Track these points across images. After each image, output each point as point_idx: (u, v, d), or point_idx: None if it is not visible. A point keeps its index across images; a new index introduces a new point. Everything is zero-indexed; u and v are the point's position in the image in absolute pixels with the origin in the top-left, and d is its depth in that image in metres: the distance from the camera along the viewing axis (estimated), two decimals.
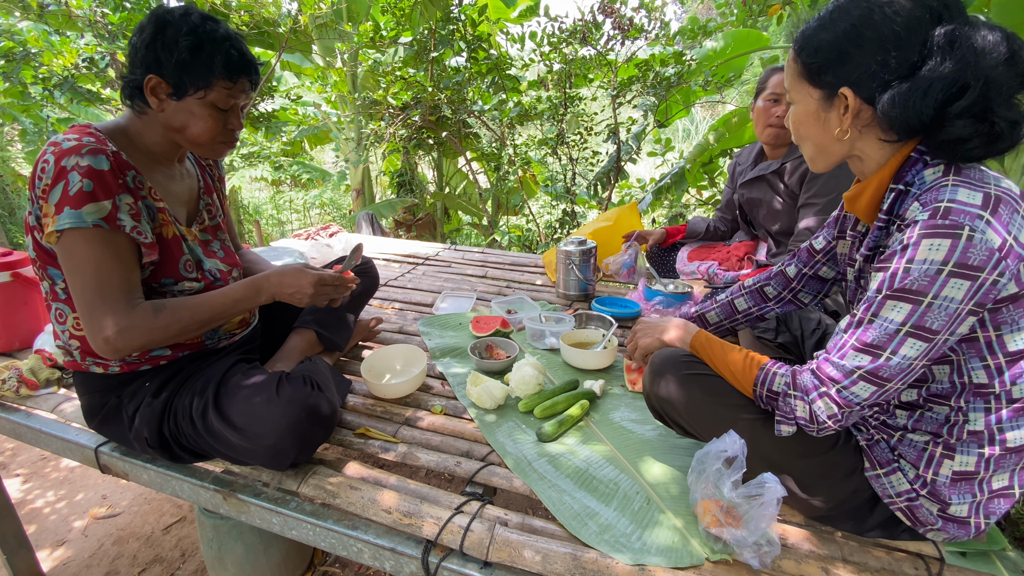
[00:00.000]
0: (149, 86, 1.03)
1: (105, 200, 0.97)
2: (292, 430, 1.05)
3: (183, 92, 1.04)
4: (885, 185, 0.88)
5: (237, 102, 1.11)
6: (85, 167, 0.95)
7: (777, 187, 1.89)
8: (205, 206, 1.28)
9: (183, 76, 1.03)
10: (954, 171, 0.79)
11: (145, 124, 1.10)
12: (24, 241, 4.78)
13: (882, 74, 0.79)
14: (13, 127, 4.68)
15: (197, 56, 1.02)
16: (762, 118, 1.81)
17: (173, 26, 1.02)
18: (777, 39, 7.44)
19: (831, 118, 0.87)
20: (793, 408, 0.89)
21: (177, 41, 1.01)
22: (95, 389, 1.17)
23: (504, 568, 0.94)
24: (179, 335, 1.06)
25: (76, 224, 0.95)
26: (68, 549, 1.81)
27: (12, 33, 3.59)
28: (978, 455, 0.84)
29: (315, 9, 3.87)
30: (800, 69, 0.89)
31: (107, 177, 0.98)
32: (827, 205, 1.70)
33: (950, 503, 0.87)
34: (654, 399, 1.11)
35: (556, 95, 3.87)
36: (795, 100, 0.92)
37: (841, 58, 0.82)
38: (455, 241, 5.48)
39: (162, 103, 1.05)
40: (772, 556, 0.88)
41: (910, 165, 0.84)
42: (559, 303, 2.14)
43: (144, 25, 1.03)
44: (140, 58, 1.03)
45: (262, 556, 1.47)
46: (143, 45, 1.02)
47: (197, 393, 1.13)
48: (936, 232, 0.74)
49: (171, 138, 1.12)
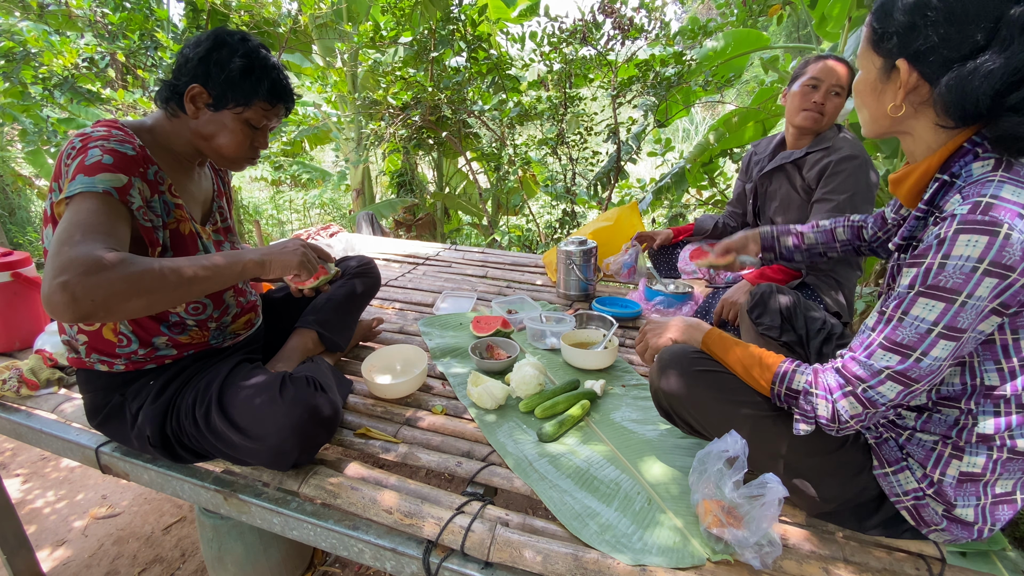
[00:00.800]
0: (191, 94, 1.08)
1: (122, 174, 0.97)
2: (295, 431, 1.05)
3: (223, 105, 1.10)
4: (932, 172, 0.85)
5: (268, 123, 1.17)
6: (110, 148, 0.98)
7: (794, 180, 1.84)
8: (218, 208, 1.31)
9: (227, 91, 1.08)
10: (1004, 167, 0.75)
11: (174, 127, 1.13)
12: (26, 239, 4.79)
13: (943, 50, 0.74)
14: (13, 127, 4.68)
15: (246, 78, 1.09)
16: (798, 102, 1.75)
17: (229, 46, 1.08)
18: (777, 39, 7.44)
19: (887, 91, 0.84)
20: (814, 407, 0.87)
21: (231, 60, 1.07)
22: (99, 387, 1.17)
23: (505, 568, 0.94)
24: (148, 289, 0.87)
25: (86, 188, 0.91)
26: (68, 549, 1.81)
27: (12, 33, 3.59)
28: (987, 456, 0.84)
29: (315, 9, 3.87)
30: (869, 34, 0.85)
31: (129, 160, 0.99)
32: (841, 204, 1.66)
33: (955, 504, 0.87)
34: (661, 395, 1.11)
35: (556, 95, 3.87)
36: (861, 66, 0.88)
37: (905, 27, 0.77)
38: (455, 241, 5.48)
39: (198, 111, 1.10)
40: (773, 556, 0.88)
41: (960, 156, 0.81)
42: (559, 303, 2.14)
43: (201, 40, 1.09)
44: (190, 68, 1.08)
45: (262, 556, 1.47)
46: (196, 57, 1.07)
47: (200, 393, 1.13)
48: (974, 228, 0.71)
49: (197, 145, 1.15)
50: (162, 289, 0.89)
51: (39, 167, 4.86)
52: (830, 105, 1.71)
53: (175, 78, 1.10)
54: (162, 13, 4.04)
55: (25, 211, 5.31)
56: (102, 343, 1.12)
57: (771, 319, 1.44)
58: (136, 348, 1.14)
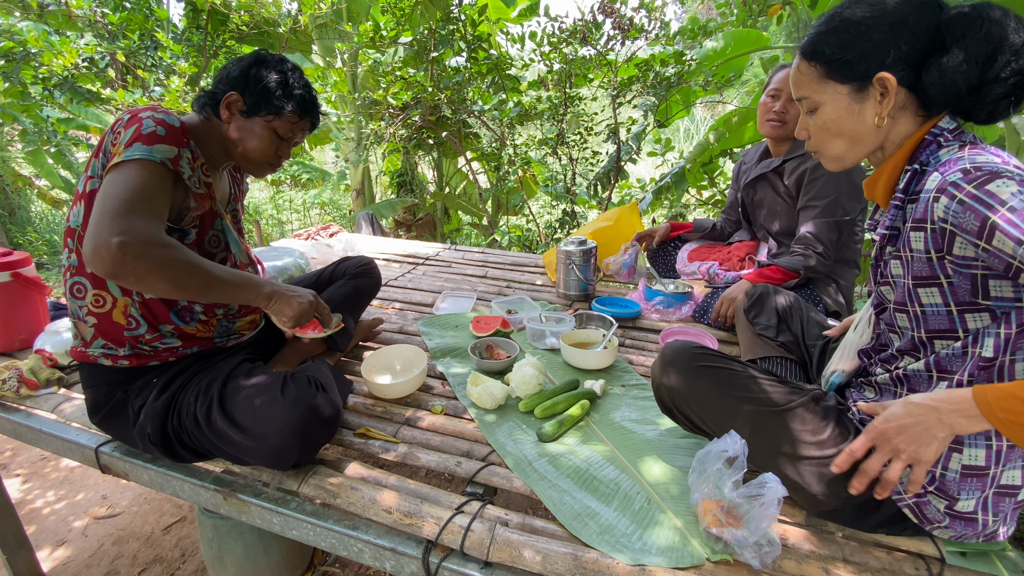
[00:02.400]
0: (228, 100, 1.16)
1: (175, 145, 1.07)
2: (296, 430, 1.06)
3: (255, 112, 1.17)
4: (900, 167, 0.91)
5: (294, 136, 1.24)
6: (160, 119, 1.06)
7: (777, 187, 1.90)
8: (232, 211, 1.36)
9: (261, 100, 1.17)
10: (969, 148, 0.82)
11: (206, 129, 1.20)
12: (26, 239, 4.79)
13: (913, 53, 0.84)
14: (13, 127, 4.68)
15: (280, 89, 1.18)
16: (761, 113, 1.85)
17: (268, 64, 1.19)
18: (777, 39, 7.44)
19: (866, 108, 0.89)
20: None
21: (269, 75, 1.18)
22: (101, 383, 1.17)
23: (505, 568, 0.94)
24: (179, 277, 0.98)
25: (145, 156, 1.01)
26: (68, 549, 1.81)
27: (12, 33, 3.59)
28: (986, 447, 0.84)
29: (315, 9, 3.87)
30: (821, 71, 0.91)
31: (177, 131, 1.08)
32: (826, 208, 1.71)
33: (958, 499, 0.87)
34: (663, 390, 1.12)
35: (556, 95, 3.87)
36: (820, 103, 0.93)
37: (872, 46, 0.85)
38: (455, 241, 5.48)
39: (232, 117, 1.18)
40: (773, 556, 0.88)
41: (924, 147, 0.88)
42: (559, 303, 2.14)
43: (244, 58, 1.20)
44: (231, 78, 1.17)
45: (262, 556, 1.47)
46: (238, 69, 1.17)
47: (202, 392, 1.14)
48: (986, 178, 0.74)
49: (226, 147, 1.22)
50: (188, 285, 1.01)
51: (39, 167, 4.86)
52: (792, 112, 1.78)
53: (215, 87, 1.19)
54: (162, 13, 4.04)
55: (25, 211, 5.32)
56: (111, 326, 1.14)
57: (767, 319, 1.45)
58: (144, 332, 1.15)
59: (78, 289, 1.13)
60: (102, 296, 1.12)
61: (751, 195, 2.03)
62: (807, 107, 0.96)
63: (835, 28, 0.88)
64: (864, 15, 0.85)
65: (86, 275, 1.12)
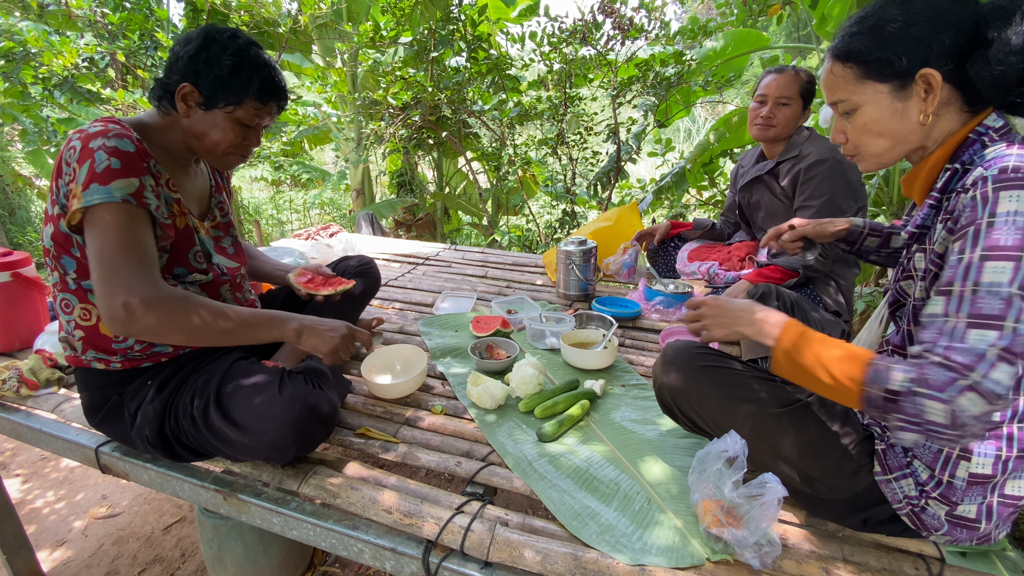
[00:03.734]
0: (181, 93, 1.08)
1: (133, 177, 1.01)
2: (293, 427, 1.06)
3: (213, 104, 1.10)
4: (941, 164, 0.88)
5: (261, 122, 1.17)
6: (112, 147, 0.99)
7: (774, 188, 1.91)
8: (217, 204, 1.32)
9: (217, 91, 1.09)
10: (1018, 146, 0.78)
11: (167, 125, 1.15)
12: (26, 239, 4.80)
13: (956, 48, 0.80)
14: (13, 127, 4.68)
15: (236, 76, 1.08)
16: (751, 117, 1.89)
17: (219, 44, 1.08)
18: (777, 39, 7.43)
19: (910, 107, 0.85)
20: (921, 410, 0.72)
21: (220, 59, 1.07)
22: (96, 386, 1.17)
23: (505, 568, 0.94)
24: (194, 332, 1.03)
25: (105, 199, 0.97)
26: (68, 549, 1.81)
27: (12, 33, 3.59)
28: (995, 456, 0.83)
29: (315, 9, 3.87)
30: (858, 71, 0.87)
31: (133, 158, 1.02)
32: (822, 207, 1.71)
33: (959, 504, 0.86)
34: (664, 390, 1.12)
35: (556, 95, 3.87)
36: (859, 104, 0.89)
37: (913, 42, 0.82)
38: (455, 241, 5.48)
39: (189, 110, 1.11)
40: (773, 556, 0.88)
41: (968, 146, 0.84)
42: (559, 303, 2.14)
43: (191, 37, 1.09)
44: (180, 66, 1.08)
45: (262, 556, 1.47)
46: (186, 56, 1.08)
47: (198, 391, 1.13)
48: (1011, 184, 0.72)
49: (189, 143, 1.16)
50: (201, 332, 1.03)
51: (39, 167, 4.86)
52: (779, 115, 1.82)
53: (166, 76, 1.11)
54: (162, 13, 4.04)
55: (25, 211, 5.31)
56: (99, 338, 1.13)
57: None
58: (132, 344, 1.14)
59: (65, 304, 1.13)
60: (88, 310, 1.12)
61: (747, 198, 2.05)
62: (843, 109, 0.92)
63: (871, 27, 0.85)
64: (900, 12, 0.83)
65: (69, 291, 1.11)
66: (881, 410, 0.77)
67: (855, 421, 0.99)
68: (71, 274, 1.09)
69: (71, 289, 1.11)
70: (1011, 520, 0.90)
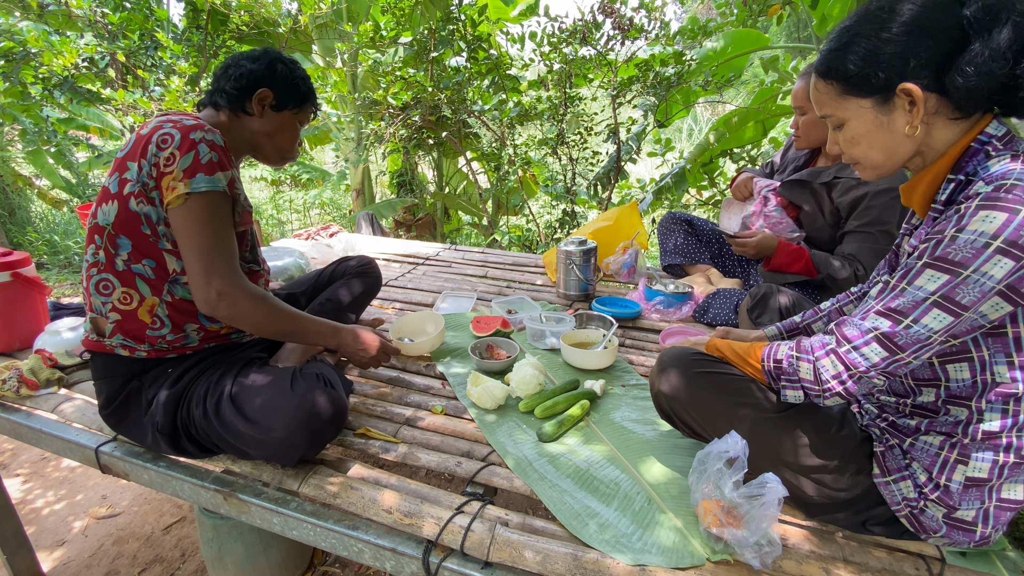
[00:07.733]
0: (259, 96, 1.24)
1: (229, 170, 1.13)
2: (304, 424, 1.06)
3: (283, 106, 1.28)
4: (943, 175, 0.85)
5: (305, 124, 1.37)
6: (211, 140, 1.10)
7: (822, 200, 1.77)
8: None
9: (289, 94, 1.28)
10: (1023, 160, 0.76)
11: (232, 126, 1.27)
12: (26, 239, 4.79)
13: (935, 58, 0.78)
14: (13, 127, 4.68)
15: (302, 84, 1.31)
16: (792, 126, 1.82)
17: (283, 62, 1.29)
18: (777, 39, 7.43)
19: (895, 119, 0.84)
20: (796, 369, 0.90)
21: (292, 72, 1.29)
22: (117, 373, 1.17)
23: (505, 568, 0.94)
24: (262, 326, 1.15)
25: (211, 187, 1.08)
26: (68, 549, 1.81)
27: (12, 33, 3.59)
28: (992, 461, 0.84)
29: (315, 9, 3.87)
30: (839, 88, 0.86)
31: (225, 152, 1.13)
32: (879, 236, 1.63)
33: (958, 507, 0.86)
34: (661, 397, 1.11)
35: (556, 95, 3.87)
36: (845, 119, 0.88)
37: (889, 57, 0.80)
38: (455, 241, 5.48)
39: (263, 112, 1.27)
40: (773, 556, 0.88)
41: (971, 155, 0.81)
42: (559, 303, 2.14)
43: (258, 56, 1.26)
44: (256, 76, 1.24)
45: (262, 556, 1.47)
46: (260, 68, 1.25)
47: (213, 383, 1.15)
48: (994, 204, 0.72)
49: (256, 141, 1.30)
50: (267, 328, 1.17)
51: (39, 167, 4.86)
52: (803, 125, 1.77)
53: (236, 84, 1.24)
54: (162, 13, 4.04)
55: (25, 211, 5.31)
56: (134, 323, 1.15)
57: (770, 318, 1.45)
58: (166, 333, 1.16)
59: (104, 286, 1.14)
60: (130, 294, 1.14)
61: (786, 195, 1.89)
62: (833, 123, 0.92)
63: (846, 44, 0.83)
64: (875, 27, 0.81)
65: (115, 272, 1.13)
66: (776, 380, 0.95)
67: (853, 423, 0.99)
68: (122, 255, 1.11)
69: (117, 271, 1.12)
70: (1008, 523, 0.90)
